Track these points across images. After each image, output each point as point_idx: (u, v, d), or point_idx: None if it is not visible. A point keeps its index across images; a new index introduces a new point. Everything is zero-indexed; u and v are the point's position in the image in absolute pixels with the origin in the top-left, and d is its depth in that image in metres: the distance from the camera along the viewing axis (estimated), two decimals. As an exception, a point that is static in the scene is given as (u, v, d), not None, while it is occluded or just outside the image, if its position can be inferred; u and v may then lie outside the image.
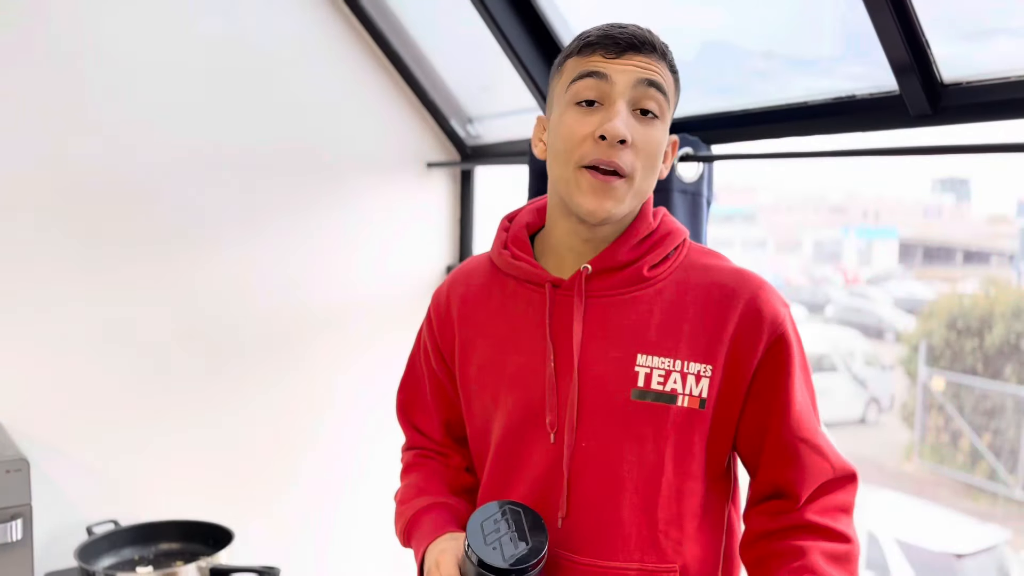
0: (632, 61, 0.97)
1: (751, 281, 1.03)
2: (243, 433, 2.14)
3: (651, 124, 0.99)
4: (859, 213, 15.53)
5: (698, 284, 1.02)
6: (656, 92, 0.98)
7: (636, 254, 1.03)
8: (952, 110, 1.23)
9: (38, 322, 1.86)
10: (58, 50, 1.85)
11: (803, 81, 1.57)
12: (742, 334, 1.00)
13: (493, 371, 1.08)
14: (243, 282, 2.12)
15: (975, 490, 8.25)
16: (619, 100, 0.97)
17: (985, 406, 8.36)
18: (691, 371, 0.99)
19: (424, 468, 1.20)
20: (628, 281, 1.02)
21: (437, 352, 1.17)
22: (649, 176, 1.00)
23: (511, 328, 1.07)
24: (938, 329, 9.02)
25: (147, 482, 2.00)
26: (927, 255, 14.34)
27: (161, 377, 2.01)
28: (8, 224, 1.82)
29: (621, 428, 1.00)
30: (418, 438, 1.24)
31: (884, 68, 1.29)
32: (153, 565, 1.78)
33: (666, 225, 1.07)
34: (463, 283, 1.15)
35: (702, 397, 0.99)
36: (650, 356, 0.99)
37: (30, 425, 1.83)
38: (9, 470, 1.47)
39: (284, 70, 2.14)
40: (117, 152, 1.93)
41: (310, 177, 2.20)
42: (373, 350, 2.31)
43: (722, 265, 1.05)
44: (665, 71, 0.99)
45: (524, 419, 1.04)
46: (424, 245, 2.41)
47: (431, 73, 2.28)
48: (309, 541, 2.23)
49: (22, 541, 1.49)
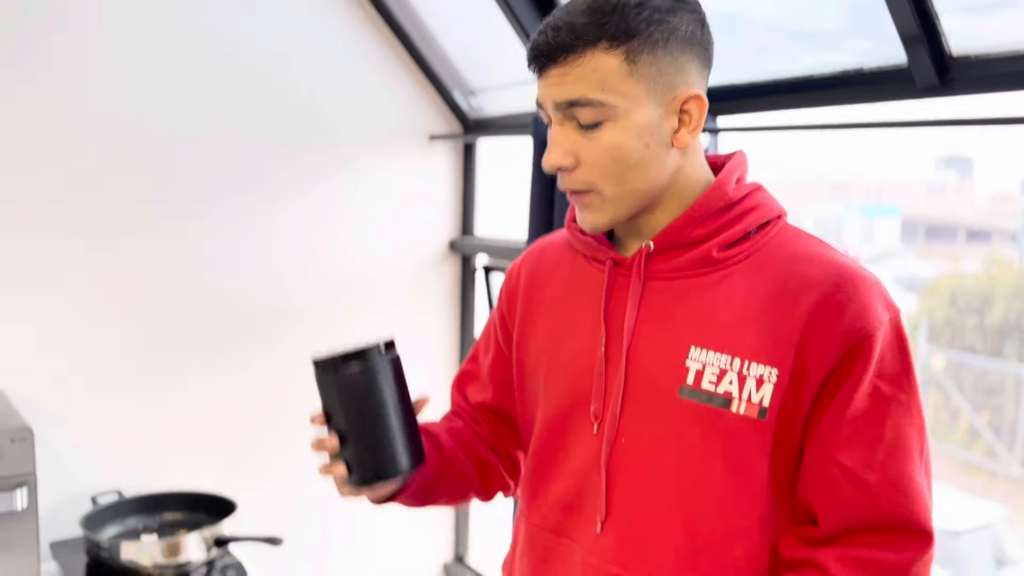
0: (552, 78, 0.87)
1: (841, 270, 0.86)
2: (246, 404, 2.14)
3: (596, 133, 0.87)
4: (861, 191, 15.44)
5: (778, 272, 0.87)
6: (579, 108, 0.86)
7: (707, 231, 0.90)
8: (960, 82, 1.22)
9: (41, 293, 1.86)
10: (64, 24, 1.83)
11: (808, 55, 1.56)
12: (815, 334, 0.84)
13: (548, 351, 1.01)
14: (245, 253, 2.11)
15: (972, 468, 8.29)
16: (555, 124, 0.89)
17: (985, 384, 8.38)
18: (753, 373, 0.85)
19: (445, 420, 1.15)
20: (695, 263, 0.90)
21: (504, 327, 1.10)
22: (624, 178, 0.88)
23: (572, 307, 0.99)
24: (939, 307, 9.01)
25: (150, 453, 2.01)
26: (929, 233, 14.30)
27: (164, 349, 2.02)
28: (11, 196, 1.81)
29: (663, 428, 0.89)
30: (460, 402, 1.17)
31: (889, 43, 1.28)
32: (157, 534, 1.79)
33: (752, 200, 0.91)
34: (537, 256, 1.09)
35: (763, 405, 0.85)
36: (705, 350, 0.87)
37: (34, 395, 1.84)
38: (13, 439, 1.48)
39: (285, 42, 2.12)
40: (119, 126, 1.92)
41: (311, 149, 2.19)
42: (375, 322, 2.32)
43: (814, 252, 0.88)
44: (596, 63, 0.84)
45: (571, 405, 0.96)
46: (426, 218, 2.40)
47: (433, 44, 2.26)
48: (312, 512, 2.25)
49: (27, 510, 1.50)
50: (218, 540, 1.73)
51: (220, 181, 2.06)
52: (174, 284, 2.02)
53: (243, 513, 1.85)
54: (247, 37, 2.07)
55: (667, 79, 0.87)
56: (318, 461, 0.93)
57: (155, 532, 1.83)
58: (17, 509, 1.48)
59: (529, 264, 1.08)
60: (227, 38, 2.04)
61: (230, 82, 2.05)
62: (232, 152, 2.07)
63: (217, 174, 2.06)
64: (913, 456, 0.85)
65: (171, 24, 1.96)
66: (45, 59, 1.82)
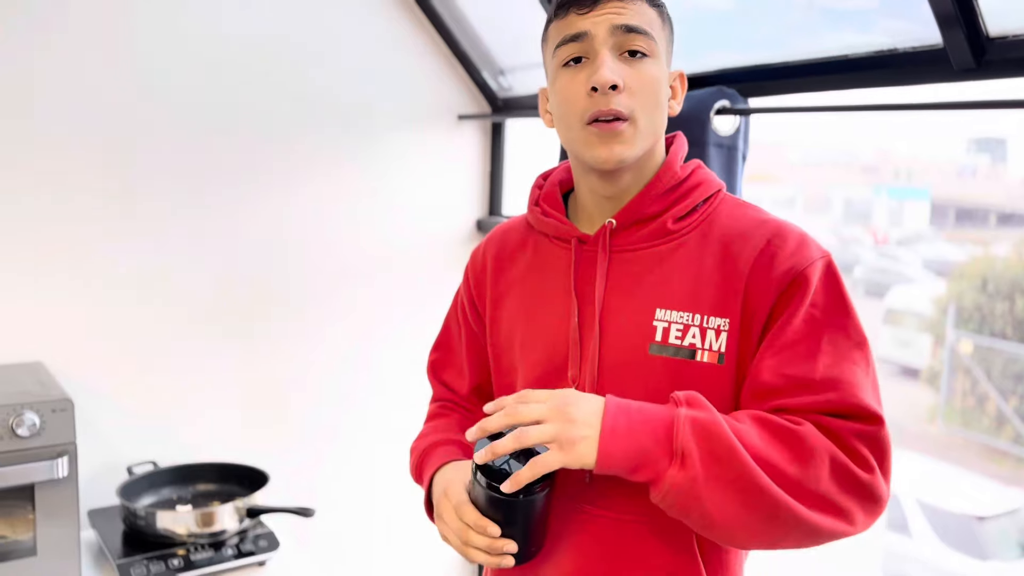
0: (605, 9, 0.98)
1: (772, 226, 0.99)
2: (279, 379, 2.18)
3: (641, 63, 0.98)
4: (891, 172, 15.22)
5: (722, 235, 1.00)
6: (636, 35, 0.97)
7: (661, 206, 1.02)
8: (997, 64, 1.21)
9: (81, 268, 1.90)
10: (101, 5, 1.86)
11: (841, 35, 1.54)
12: (755, 281, 0.96)
13: (521, 327, 1.10)
14: (279, 233, 2.14)
15: (999, 453, 8.21)
16: (602, 49, 0.97)
17: (1014, 370, 8.28)
18: (711, 325, 0.96)
19: (446, 417, 1.23)
20: (653, 235, 1.02)
21: (474, 309, 1.20)
22: (654, 114, 1.00)
23: (540, 285, 1.09)
24: (968, 292, 8.89)
25: (185, 425, 2.06)
26: (959, 216, 14.06)
27: (200, 323, 2.06)
28: (54, 170, 1.85)
29: (640, 382, 0.98)
30: (445, 392, 1.26)
31: (923, 23, 1.27)
32: (192, 504, 1.84)
33: (696, 176, 1.04)
34: (499, 241, 1.18)
35: (720, 352, 0.96)
36: (669, 311, 0.98)
37: (73, 368, 1.88)
38: (55, 409, 1.52)
39: (316, 24, 2.13)
40: (160, 105, 1.95)
41: (342, 130, 2.21)
42: (405, 301, 2.34)
43: (750, 215, 1.02)
44: (645, 8, 0.99)
45: (548, 373, 1.05)
46: (454, 198, 2.42)
47: (463, 23, 2.27)
48: (343, 484, 2.29)
49: (68, 478, 1.55)
50: (251, 511, 1.77)
51: (253, 162, 2.09)
52: (209, 260, 2.05)
53: (275, 484, 1.89)
54: (272, 21, 2.08)
55: (670, 50, 1.04)
56: (479, 542, 0.96)
57: (189, 502, 1.87)
58: (59, 476, 1.53)
59: (493, 248, 1.18)
60: (264, 26, 2.05)
61: (265, 65, 2.07)
62: (265, 133, 2.10)
63: (251, 155, 2.08)
64: (856, 365, 0.93)
65: (214, 14, 1.98)
66: (85, 46, 1.85)
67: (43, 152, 1.84)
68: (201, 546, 1.72)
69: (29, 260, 1.84)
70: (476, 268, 1.20)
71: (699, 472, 0.86)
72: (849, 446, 0.90)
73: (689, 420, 0.88)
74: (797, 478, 0.87)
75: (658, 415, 0.89)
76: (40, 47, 1.81)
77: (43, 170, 1.84)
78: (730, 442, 0.86)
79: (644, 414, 0.90)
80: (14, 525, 1.55)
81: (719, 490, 0.86)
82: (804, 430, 0.89)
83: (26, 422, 1.49)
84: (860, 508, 0.90)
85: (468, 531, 0.96)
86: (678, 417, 0.88)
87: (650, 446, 0.87)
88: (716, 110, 1.54)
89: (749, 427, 0.89)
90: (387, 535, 2.39)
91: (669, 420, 0.89)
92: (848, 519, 0.89)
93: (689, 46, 1.86)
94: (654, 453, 0.87)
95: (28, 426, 1.49)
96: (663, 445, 0.87)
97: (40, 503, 1.54)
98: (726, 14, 1.74)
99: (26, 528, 1.55)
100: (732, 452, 0.86)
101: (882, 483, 0.91)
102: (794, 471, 0.87)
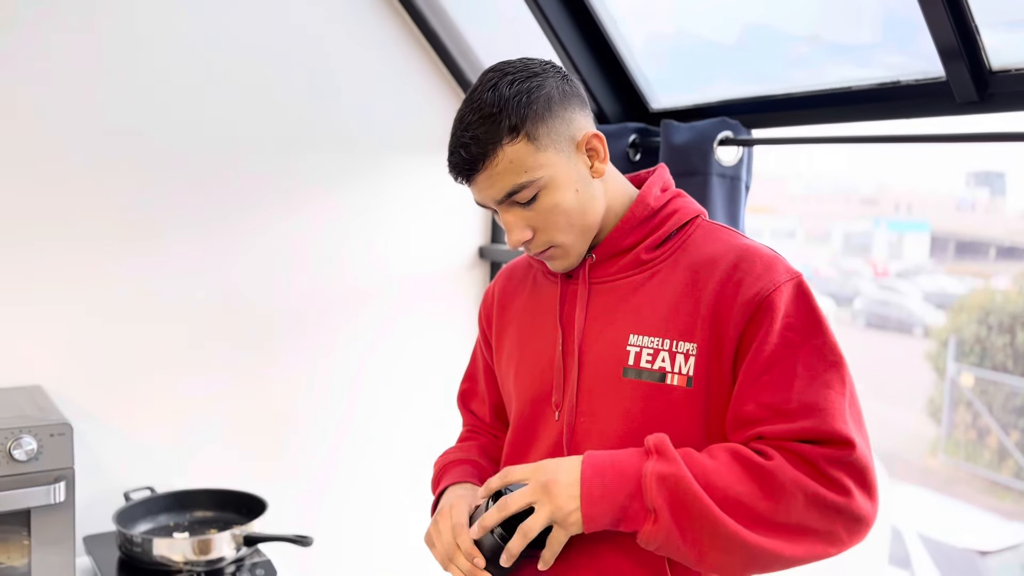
0: (482, 183, 1.03)
1: (740, 250, 1.01)
2: (277, 405, 2.17)
3: (537, 204, 1.02)
4: (891, 205, 15.30)
5: (693, 262, 1.03)
6: (516, 194, 1.01)
7: (636, 237, 1.07)
8: (1000, 97, 1.22)
9: (81, 291, 1.89)
10: (105, 22, 1.87)
11: (842, 68, 1.56)
12: (722, 306, 0.98)
13: (516, 356, 1.17)
14: (279, 257, 2.14)
15: (1001, 488, 8.15)
16: (501, 213, 1.05)
17: (1015, 403, 8.25)
18: (680, 350, 1.00)
19: (472, 439, 1.31)
20: (629, 265, 1.07)
21: (486, 342, 1.29)
22: (572, 225, 1.04)
23: (534, 317, 1.16)
24: (968, 325, 8.89)
25: (182, 451, 2.04)
26: (959, 249, 14.09)
27: (197, 349, 2.05)
28: (50, 194, 1.85)
29: (613, 404, 1.03)
30: (473, 420, 1.34)
31: (923, 58, 1.28)
32: (188, 531, 1.82)
33: (672, 205, 1.08)
34: (505, 278, 1.27)
35: (688, 375, 0.99)
36: (641, 336, 1.02)
37: (71, 392, 1.87)
38: (53, 434, 1.51)
39: (317, 48, 2.15)
40: (159, 126, 1.96)
41: (345, 155, 2.22)
42: (405, 327, 2.34)
43: (721, 239, 1.05)
44: (507, 156, 0.99)
45: (536, 399, 1.12)
46: (456, 225, 2.42)
47: (464, 49, 2.29)
48: (341, 512, 2.27)
49: (65, 503, 1.53)
50: (248, 538, 1.75)
51: (253, 185, 2.10)
52: (207, 284, 2.05)
53: (273, 512, 1.87)
54: (279, 42, 2.10)
55: (564, 135, 1.03)
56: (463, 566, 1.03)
57: (186, 529, 1.85)
58: (56, 501, 1.51)
59: (500, 285, 1.27)
60: (267, 48, 2.07)
61: (269, 89, 2.09)
62: (264, 157, 2.10)
63: (250, 178, 2.09)
64: (830, 388, 0.95)
65: (215, 32, 2.00)
66: (87, 63, 1.86)
67: (41, 175, 1.84)
68: (198, 574, 1.70)
69: (29, 283, 1.84)
70: (487, 304, 1.29)
71: (671, 525, 0.92)
72: (823, 472, 0.92)
73: (655, 476, 0.93)
74: (769, 513, 0.92)
75: (629, 470, 0.95)
76: (38, 70, 1.82)
77: (41, 193, 1.85)
78: (695, 493, 0.91)
79: (617, 468, 0.95)
80: (9, 551, 1.53)
81: (692, 537, 0.92)
82: (774, 465, 0.93)
83: (24, 446, 1.48)
84: (842, 529, 0.93)
85: (457, 552, 1.02)
86: (645, 475, 0.93)
87: (626, 503, 0.93)
88: (719, 140, 1.54)
89: (720, 465, 0.94)
90: (386, 565, 2.36)
91: (638, 476, 0.94)
92: (829, 542, 0.93)
93: (693, 77, 1.88)
94: (631, 509, 0.93)
95: (26, 450, 1.48)
96: (637, 500, 0.93)
97: (36, 528, 1.52)
98: (730, 47, 1.76)
99: (21, 554, 1.53)
100: (698, 502, 0.91)
101: (862, 503, 0.93)
102: (765, 507, 0.92)
